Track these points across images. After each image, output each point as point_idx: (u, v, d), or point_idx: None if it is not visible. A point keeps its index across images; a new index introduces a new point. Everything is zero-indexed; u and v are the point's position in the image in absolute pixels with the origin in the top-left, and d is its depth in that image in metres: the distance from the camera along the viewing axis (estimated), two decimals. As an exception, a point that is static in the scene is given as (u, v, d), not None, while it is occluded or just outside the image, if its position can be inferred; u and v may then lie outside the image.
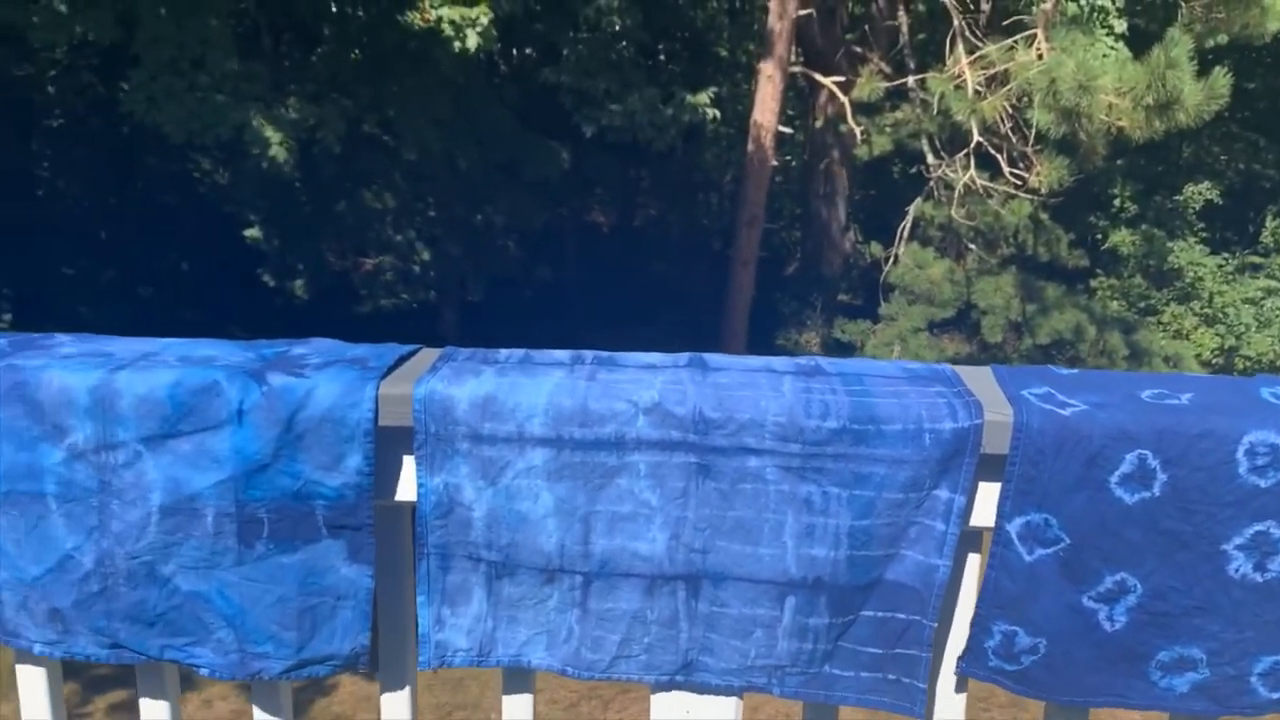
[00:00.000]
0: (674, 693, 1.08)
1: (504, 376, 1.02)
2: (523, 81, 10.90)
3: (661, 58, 15.24)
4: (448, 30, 6.77)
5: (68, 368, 1.04)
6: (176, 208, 13.74)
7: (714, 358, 1.09)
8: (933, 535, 0.99)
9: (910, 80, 10.81)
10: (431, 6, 6.81)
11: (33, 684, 1.17)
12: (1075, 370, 1.08)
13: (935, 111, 9.29)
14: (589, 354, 1.10)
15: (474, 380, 1.02)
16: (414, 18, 6.87)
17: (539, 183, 10.94)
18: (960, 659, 1.05)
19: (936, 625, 1.02)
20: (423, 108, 8.95)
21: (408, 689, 1.16)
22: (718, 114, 9.22)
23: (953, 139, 10.89)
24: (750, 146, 10.69)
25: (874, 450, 0.97)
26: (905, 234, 10.63)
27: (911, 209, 10.59)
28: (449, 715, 7.98)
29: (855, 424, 0.97)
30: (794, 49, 11.86)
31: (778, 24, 9.96)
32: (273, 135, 6.99)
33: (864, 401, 0.98)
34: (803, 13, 10.33)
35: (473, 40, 6.83)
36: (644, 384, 1.01)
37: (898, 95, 11.29)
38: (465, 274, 14.24)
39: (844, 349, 12.03)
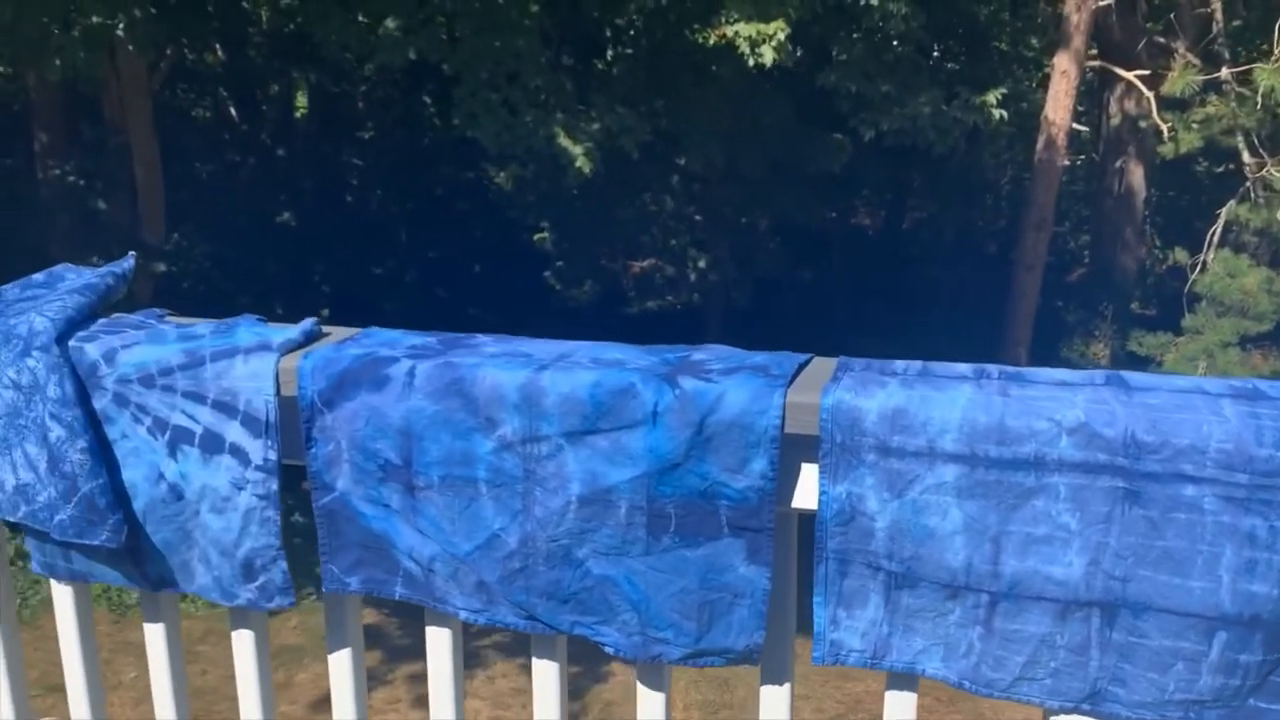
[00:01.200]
0: (1076, 721, 1.04)
1: (911, 389, 1.02)
2: (796, 82, 10.88)
3: (937, 54, 14.74)
4: (743, 47, 6.86)
5: (498, 366, 1.13)
6: (468, 213, 14.72)
7: (1134, 376, 1.03)
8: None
9: (1225, 72, 9.89)
10: (727, 22, 6.92)
11: (440, 643, 1.27)
12: None
13: (1258, 105, 8.44)
14: (993, 368, 1.08)
15: (881, 392, 1.02)
16: (709, 35, 7.00)
17: (819, 178, 10.88)
18: None
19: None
20: (705, 118, 9.12)
21: (787, 685, 1.18)
22: (1004, 114, 8.80)
23: (1274, 135, 9.88)
24: (1040, 145, 10.14)
25: (1337, 484, 0.89)
26: (1215, 239, 9.74)
27: (1224, 212, 9.68)
28: (715, 713, 8.09)
29: (1315, 454, 0.89)
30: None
31: (1075, 15, 9.39)
32: (577, 148, 7.34)
33: (1324, 430, 0.90)
34: (1104, 2, 9.68)
35: (769, 55, 6.88)
36: (1065, 402, 0.97)
37: (1207, 88, 10.36)
38: (732, 278, 14.39)
39: (1138, 363, 11.18)
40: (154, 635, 1.38)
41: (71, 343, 1.25)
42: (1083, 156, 14.36)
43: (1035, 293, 10.92)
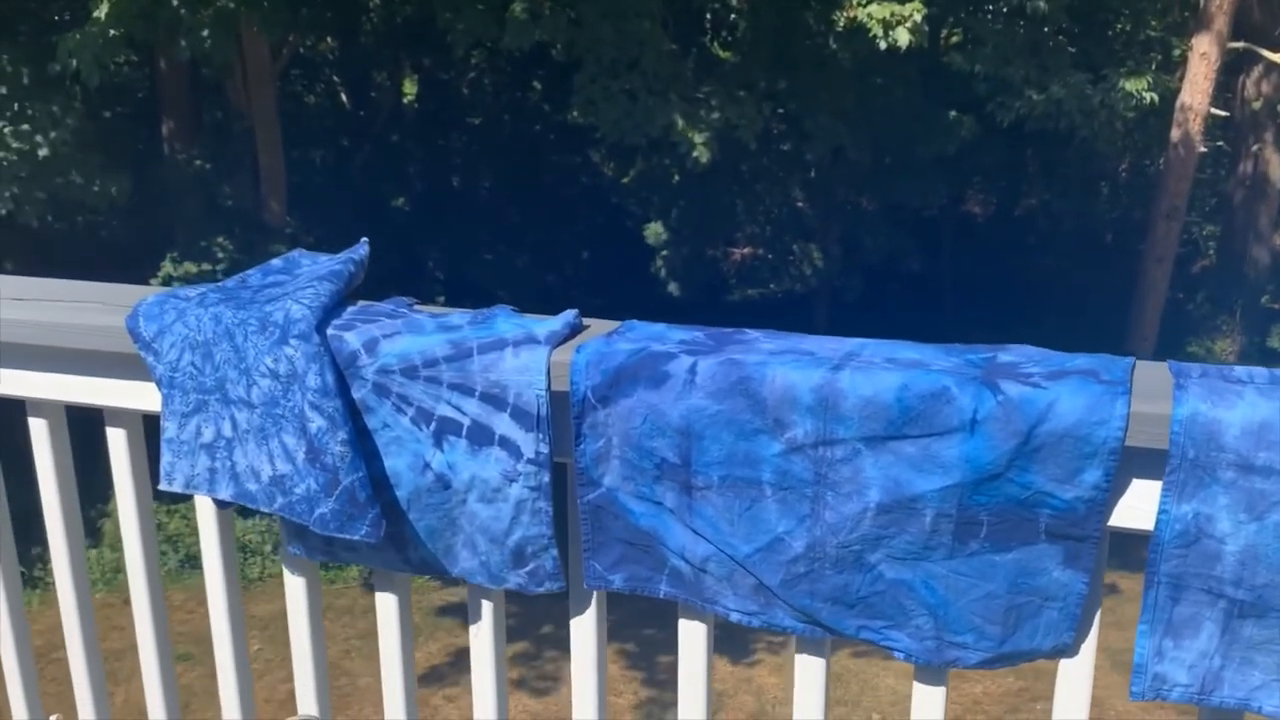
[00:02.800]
0: None
1: (1272, 399, 0.92)
2: (916, 63, 10.58)
3: (1061, 37, 14.24)
4: (875, 29, 6.65)
5: (786, 365, 1.06)
6: (575, 198, 14.75)
7: None
8: None
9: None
10: (859, 4, 6.72)
11: (695, 639, 1.22)
12: None
13: None
14: (1357, 376, 0.97)
15: (1242, 404, 0.92)
16: (838, 17, 6.81)
17: (933, 162, 10.59)
18: None
19: None
20: (828, 102, 8.92)
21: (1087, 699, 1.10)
22: (1155, 98, 8.37)
23: None
24: (1174, 132, 9.69)
25: None
26: (1365, 231, 9.18)
27: (1376, 202, 9.12)
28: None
29: None
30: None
31: (1218, -5, 8.92)
32: (697, 136, 7.24)
33: None
34: (1249, -19, 9.18)
35: (904, 37, 6.65)
36: None
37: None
38: (837, 269, 14.15)
39: (1273, 360, 10.65)
40: (386, 605, 1.36)
41: (330, 331, 1.22)
42: (1220, 143, 13.74)
43: (1165, 286, 10.49)
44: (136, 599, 1.51)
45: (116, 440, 1.44)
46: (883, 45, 6.80)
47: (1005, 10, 8.44)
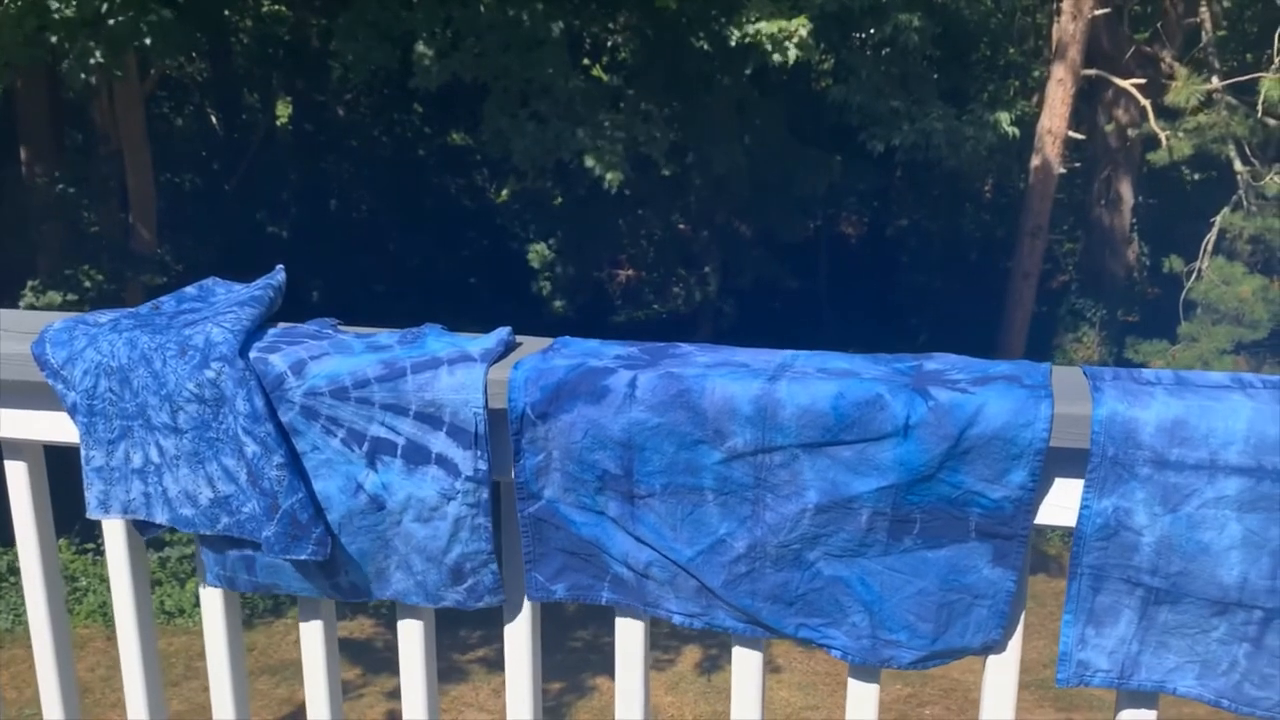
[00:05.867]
0: (1349, 742, 1.01)
1: (1184, 399, 0.99)
2: (791, 89, 10.86)
3: (926, 62, 14.83)
4: (766, 45, 6.80)
5: (725, 377, 1.09)
6: (459, 221, 14.61)
7: None
8: None
9: (1216, 81, 10.02)
10: (748, 22, 6.86)
11: (631, 636, 1.23)
12: None
13: (1258, 113, 8.54)
14: (1250, 376, 1.05)
15: (1155, 403, 0.99)
16: (732, 33, 6.94)
17: (807, 194, 10.90)
18: None
19: None
20: (720, 125, 9.06)
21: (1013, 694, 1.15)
22: (1017, 133, 8.78)
23: (1265, 144, 10.02)
24: (1035, 155, 10.20)
25: None
26: (1209, 247, 9.84)
27: (1218, 220, 9.78)
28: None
29: None
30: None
31: (1071, 25, 9.46)
32: (608, 159, 7.25)
33: None
34: (1100, 12, 9.77)
35: (793, 53, 6.82)
36: (1354, 410, 0.95)
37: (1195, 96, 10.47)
38: (719, 289, 14.38)
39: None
40: (311, 634, 1.33)
41: (253, 354, 1.20)
42: (1077, 164, 14.51)
43: (1031, 300, 11.00)
44: (38, 640, 1.43)
45: (16, 473, 1.37)
46: (776, 59, 6.95)
47: (875, 40, 8.75)
